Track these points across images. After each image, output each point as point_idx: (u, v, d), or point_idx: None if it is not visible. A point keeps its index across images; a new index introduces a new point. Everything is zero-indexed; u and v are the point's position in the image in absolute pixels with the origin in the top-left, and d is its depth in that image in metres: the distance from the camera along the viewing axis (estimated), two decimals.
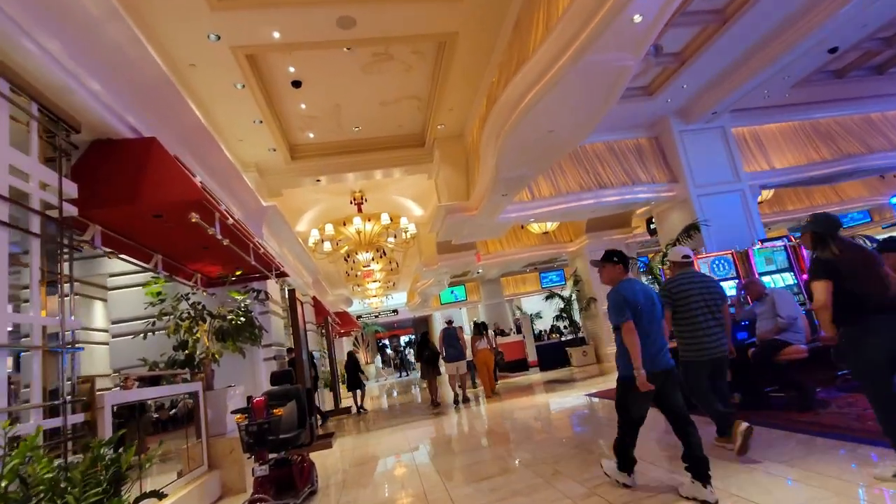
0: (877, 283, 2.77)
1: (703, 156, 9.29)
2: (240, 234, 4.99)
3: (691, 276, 4.04)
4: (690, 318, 3.92)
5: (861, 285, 2.76)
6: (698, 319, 3.89)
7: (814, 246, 3.01)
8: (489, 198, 7.45)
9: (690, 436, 3.09)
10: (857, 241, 3.14)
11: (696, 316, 3.90)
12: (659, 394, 3.18)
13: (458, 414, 8.65)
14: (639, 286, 3.35)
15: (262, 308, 7.53)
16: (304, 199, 10.84)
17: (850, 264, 2.83)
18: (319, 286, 16.03)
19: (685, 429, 3.12)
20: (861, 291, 2.76)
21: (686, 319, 3.94)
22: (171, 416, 5.14)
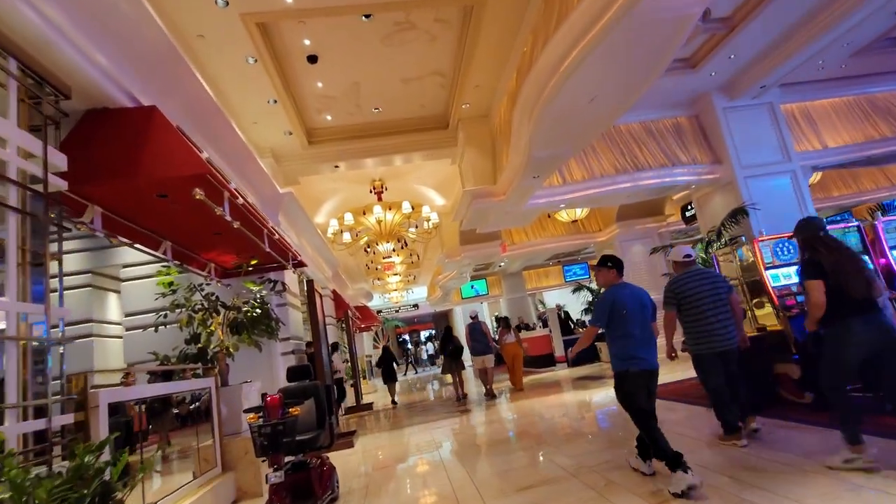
0: (859, 282, 2.91)
1: (750, 134, 8.56)
2: (252, 216, 4.57)
3: (695, 274, 4.14)
4: (698, 313, 4.02)
5: (851, 283, 2.90)
6: (707, 314, 3.99)
7: (802, 250, 3.21)
8: (519, 181, 6.91)
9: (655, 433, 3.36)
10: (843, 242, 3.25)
11: (704, 311, 4.00)
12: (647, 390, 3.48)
13: (485, 411, 8.18)
14: (629, 291, 3.58)
15: (279, 300, 7.15)
16: (322, 189, 10.45)
17: (835, 264, 2.98)
18: (339, 280, 15.71)
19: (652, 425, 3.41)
20: (844, 290, 2.89)
21: (694, 316, 4.04)
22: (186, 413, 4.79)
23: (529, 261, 21.80)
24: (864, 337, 2.87)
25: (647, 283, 12.70)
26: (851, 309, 2.90)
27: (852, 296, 2.90)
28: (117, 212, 4.05)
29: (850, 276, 2.95)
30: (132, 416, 3.78)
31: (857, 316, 2.89)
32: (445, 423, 7.65)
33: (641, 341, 3.45)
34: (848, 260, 3.04)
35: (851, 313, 2.90)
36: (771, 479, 3.11)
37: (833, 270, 2.97)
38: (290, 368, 4.87)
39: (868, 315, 2.90)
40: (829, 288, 2.95)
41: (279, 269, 6.87)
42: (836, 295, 2.94)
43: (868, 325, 2.88)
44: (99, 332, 7.17)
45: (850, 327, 2.90)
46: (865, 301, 2.91)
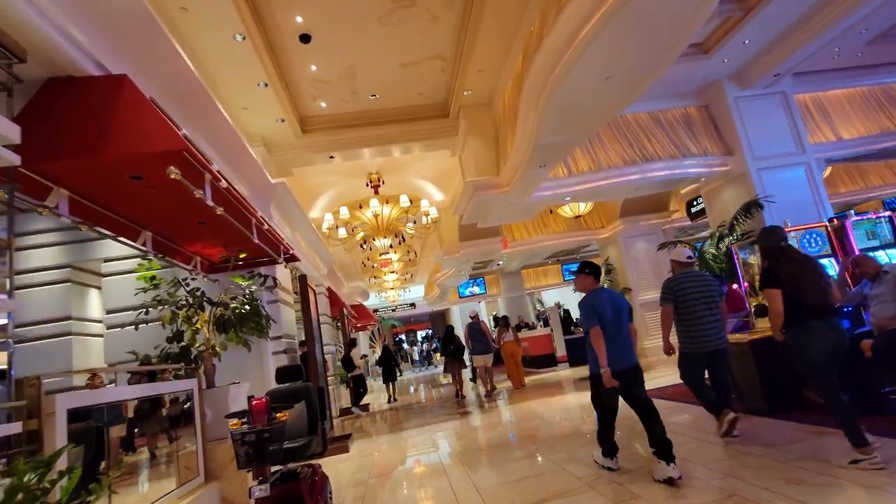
0: (815, 290, 3.05)
1: (762, 125, 8.23)
2: (238, 203, 4.18)
3: (692, 275, 4.30)
4: (691, 313, 4.17)
5: (802, 292, 3.05)
6: (698, 315, 4.15)
7: (763, 257, 3.35)
8: (524, 171, 6.55)
9: (654, 423, 3.51)
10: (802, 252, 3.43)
11: (696, 311, 4.15)
12: (625, 388, 3.62)
13: (487, 413, 7.81)
14: (606, 296, 3.78)
15: (270, 296, 6.78)
16: (317, 182, 10.05)
17: (793, 274, 3.11)
18: (335, 277, 15.32)
19: (649, 417, 3.54)
20: (802, 298, 3.04)
21: (687, 315, 4.19)
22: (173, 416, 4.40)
23: (528, 259, 21.48)
24: (826, 337, 3.05)
25: (652, 281, 12.40)
26: (810, 313, 3.07)
27: (809, 302, 3.08)
28: (87, 195, 3.66)
29: (806, 284, 3.11)
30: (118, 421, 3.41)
31: (817, 319, 3.06)
32: (446, 426, 7.29)
33: (620, 342, 3.65)
34: (805, 269, 3.19)
35: (811, 316, 3.06)
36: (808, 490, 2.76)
37: (790, 279, 3.14)
38: (279, 369, 4.48)
39: (827, 318, 3.07)
40: (787, 296, 3.13)
41: (270, 264, 6.49)
42: (796, 301, 3.11)
43: (828, 327, 3.06)
44: (79, 330, 6.76)
45: (811, 329, 3.06)
46: (822, 306, 3.08)
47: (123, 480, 3.69)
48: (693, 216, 12.05)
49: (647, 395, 3.67)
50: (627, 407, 3.72)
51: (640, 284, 12.30)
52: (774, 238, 3.38)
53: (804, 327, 3.09)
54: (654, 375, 8.53)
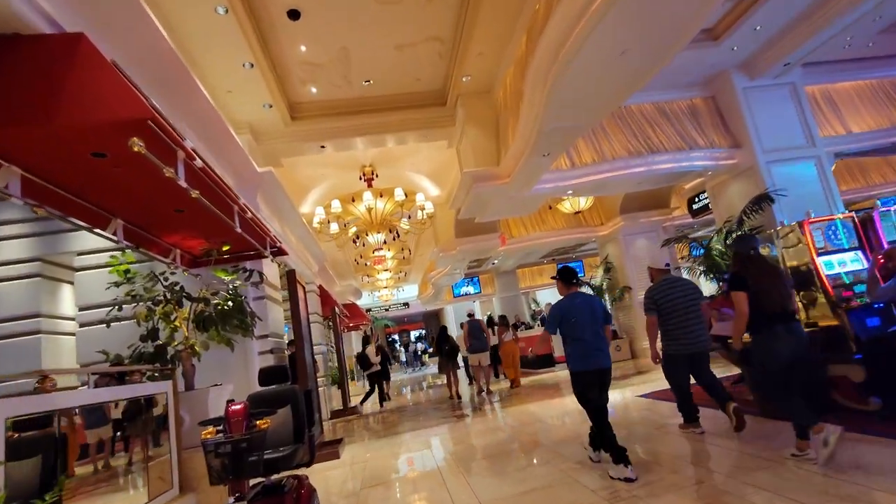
0: (778, 297, 3.24)
1: (772, 117, 7.93)
2: (216, 186, 3.78)
3: (672, 282, 4.49)
4: (674, 318, 4.36)
5: (765, 298, 3.23)
6: (679, 319, 4.35)
7: (734, 262, 3.55)
8: (526, 160, 6.19)
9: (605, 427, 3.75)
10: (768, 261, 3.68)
11: (679, 316, 4.35)
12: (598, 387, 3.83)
13: (485, 415, 7.44)
14: (579, 300, 3.95)
15: (256, 293, 6.38)
16: (308, 175, 9.65)
17: (758, 281, 3.29)
18: (326, 275, 14.90)
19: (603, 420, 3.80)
20: (765, 304, 3.22)
21: (669, 319, 4.39)
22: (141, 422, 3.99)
23: (524, 258, 21.17)
24: (786, 341, 3.23)
25: None
26: (773, 318, 3.26)
27: (770, 308, 3.27)
28: (44, 175, 3.25)
29: (770, 291, 3.30)
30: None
31: (780, 323, 3.25)
32: (443, 430, 6.91)
33: (592, 344, 3.83)
34: (770, 277, 3.39)
35: (774, 321, 3.26)
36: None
37: (756, 285, 3.33)
38: (262, 370, 4.08)
39: (788, 324, 3.26)
40: (751, 301, 3.31)
41: (256, 258, 6.09)
42: (759, 307, 3.31)
43: (789, 332, 3.25)
44: (49, 328, 6.31)
45: (775, 333, 3.25)
46: (783, 312, 3.27)
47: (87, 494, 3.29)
48: (695, 213, 11.76)
49: (608, 398, 3.98)
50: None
51: (640, 283, 11.98)
52: (748, 245, 3.63)
53: (770, 332, 3.28)
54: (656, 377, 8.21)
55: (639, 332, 11.93)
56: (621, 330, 12.80)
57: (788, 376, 3.30)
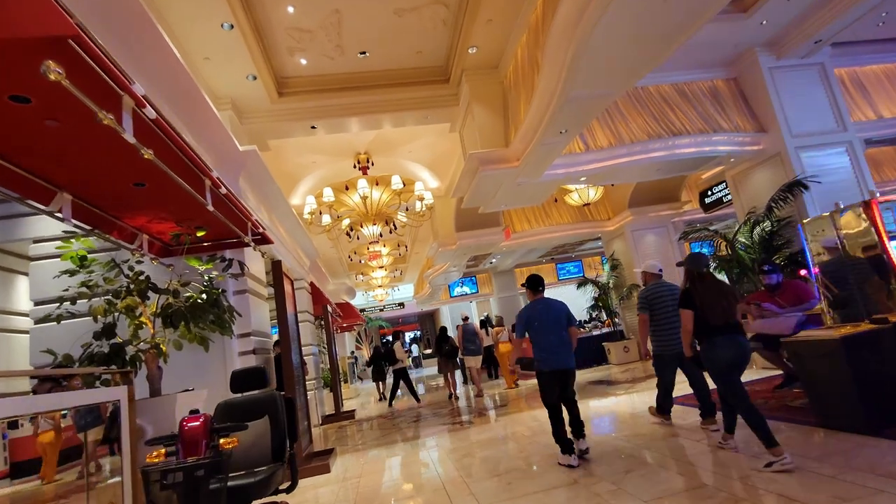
0: (721, 312, 3.59)
1: (799, 99, 7.36)
2: (179, 151, 3.10)
3: (662, 285, 4.84)
4: (664, 319, 4.69)
5: (710, 313, 3.60)
6: (668, 320, 4.66)
7: (686, 279, 3.88)
8: (540, 139, 5.54)
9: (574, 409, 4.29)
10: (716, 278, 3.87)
11: (668, 318, 4.65)
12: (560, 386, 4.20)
13: (489, 422, 6.78)
14: (541, 306, 4.28)
15: (237, 286, 5.70)
16: (298, 163, 8.96)
17: (705, 297, 3.65)
18: (318, 272, 14.20)
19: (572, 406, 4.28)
20: (709, 317, 3.60)
21: (660, 321, 4.72)
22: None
23: (524, 257, 20.59)
24: (726, 350, 3.51)
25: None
26: (715, 330, 3.56)
27: (714, 321, 3.56)
28: None
29: (714, 306, 3.59)
30: None
31: (720, 335, 3.54)
32: (445, 438, 6.23)
33: (555, 346, 4.15)
34: (715, 295, 3.65)
35: (716, 333, 3.56)
36: None
37: (702, 301, 3.63)
38: (235, 374, 3.40)
39: (727, 335, 3.54)
40: (698, 315, 3.62)
41: (237, 247, 5.42)
42: (704, 320, 3.60)
43: (730, 342, 3.52)
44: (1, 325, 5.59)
45: (715, 343, 3.56)
46: (725, 325, 3.56)
47: None
48: (707, 207, 11.19)
49: (574, 394, 4.29)
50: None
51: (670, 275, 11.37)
52: (698, 264, 3.83)
53: (710, 342, 3.59)
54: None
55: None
56: (628, 330, 12.19)
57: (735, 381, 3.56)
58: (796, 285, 4.91)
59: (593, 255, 24.07)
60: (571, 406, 4.28)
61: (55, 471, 3.03)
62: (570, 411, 4.27)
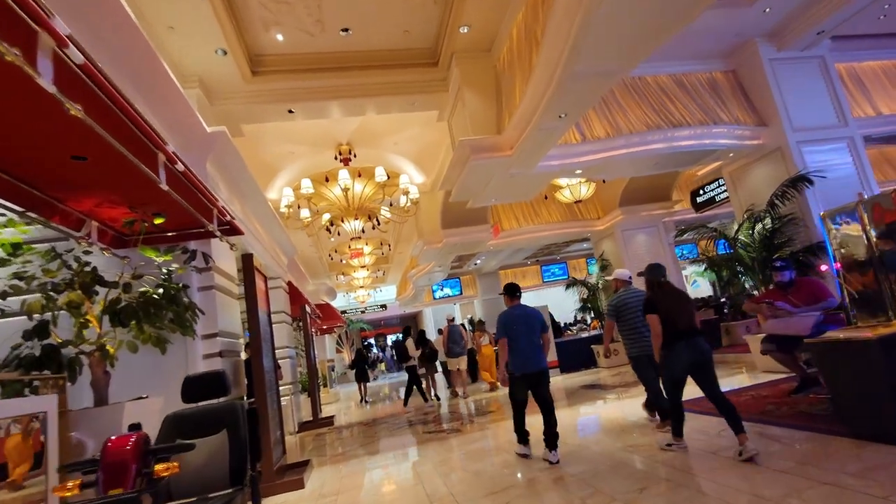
0: (683, 318, 3.83)
1: (800, 93, 7.11)
2: (120, 111, 2.57)
3: (631, 292, 5.06)
4: (633, 324, 4.92)
5: (673, 319, 3.81)
6: (637, 325, 4.87)
7: (647, 288, 4.18)
8: (537, 124, 5.13)
9: (549, 417, 4.34)
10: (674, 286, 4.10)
11: (637, 322, 4.86)
12: (533, 387, 4.42)
13: (477, 429, 6.32)
14: (518, 311, 4.58)
15: (203, 281, 5.16)
16: (275, 153, 8.40)
17: (667, 304, 3.87)
18: (297, 271, 13.59)
19: (547, 413, 4.36)
20: (674, 322, 3.81)
21: (629, 326, 4.95)
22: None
23: (509, 258, 20.25)
24: (688, 353, 3.75)
25: None
26: (679, 336, 3.78)
27: (679, 327, 3.79)
28: None
29: (677, 312, 3.82)
30: None
31: (683, 340, 3.77)
32: (431, 448, 5.75)
33: (526, 351, 4.36)
34: (675, 301, 3.89)
35: (679, 339, 3.78)
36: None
37: (664, 308, 3.83)
38: (188, 380, 2.88)
39: (690, 339, 3.77)
40: (663, 321, 3.81)
41: (205, 237, 4.86)
42: (669, 326, 3.81)
43: (690, 346, 3.76)
44: None
45: (678, 349, 3.78)
46: (688, 330, 3.79)
47: None
48: (699, 206, 10.96)
49: (548, 395, 4.40)
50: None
51: (639, 282, 11.05)
52: (658, 274, 4.07)
53: (674, 347, 3.79)
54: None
55: None
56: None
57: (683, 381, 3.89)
58: (812, 283, 4.58)
59: (579, 257, 23.88)
60: (548, 413, 4.34)
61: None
62: (547, 419, 4.32)
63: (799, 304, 4.47)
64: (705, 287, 24.54)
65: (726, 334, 11.51)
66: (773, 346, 4.51)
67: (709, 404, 5.01)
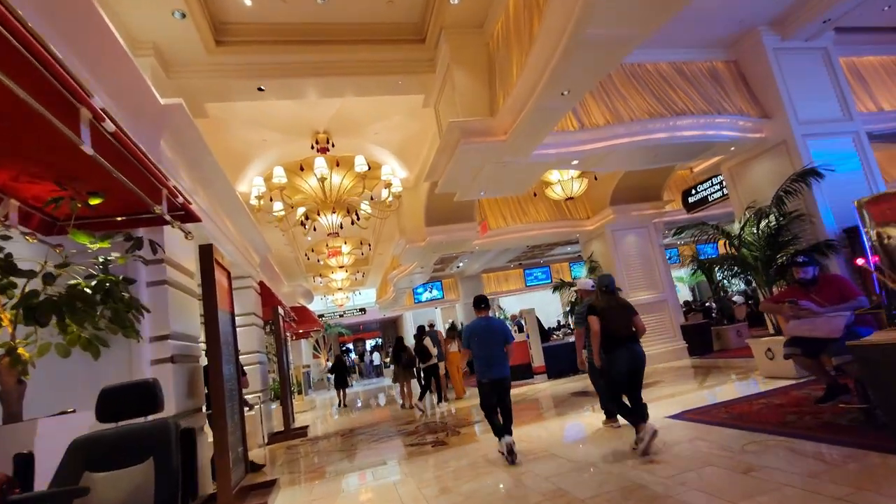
0: (622, 325, 4.22)
1: (805, 85, 6.78)
2: (31, 52, 1.93)
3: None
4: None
5: (612, 326, 4.21)
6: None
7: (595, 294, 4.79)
8: (538, 101, 4.61)
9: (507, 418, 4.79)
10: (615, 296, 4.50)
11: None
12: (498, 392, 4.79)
13: (467, 442, 5.75)
14: (483, 323, 4.96)
15: (153, 274, 4.49)
16: (245, 140, 7.71)
17: (608, 311, 4.28)
18: (271, 271, 12.84)
19: (506, 415, 4.80)
20: (614, 329, 4.21)
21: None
22: None
23: (492, 261, 19.76)
24: (624, 360, 4.19)
25: (643, 281, 10.82)
26: (618, 343, 4.22)
27: (618, 334, 4.22)
28: None
29: (617, 320, 4.25)
30: None
31: (621, 347, 4.21)
32: (416, 465, 5.14)
33: (489, 359, 4.80)
34: (615, 310, 4.31)
35: (618, 346, 4.22)
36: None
37: (605, 315, 4.27)
38: (104, 394, 2.23)
39: (628, 345, 4.21)
40: (603, 327, 4.24)
41: (153, 224, 4.21)
42: (609, 333, 4.24)
43: (627, 353, 4.20)
44: None
45: (616, 354, 4.22)
46: (626, 337, 4.22)
47: None
48: (690, 206, 10.63)
49: (509, 401, 4.83)
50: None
51: (630, 284, 10.70)
52: (606, 282, 4.51)
53: (613, 353, 4.21)
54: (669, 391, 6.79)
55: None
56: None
57: (626, 384, 4.23)
58: (838, 280, 4.16)
59: (562, 260, 23.57)
60: (506, 413, 4.82)
61: None
62: (505, 417, 4.80)
63: (824, 304, 4.03)
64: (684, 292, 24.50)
65: (717, 339, 11.21)
66: (798, 349, 4.05)
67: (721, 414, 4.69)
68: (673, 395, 6.45)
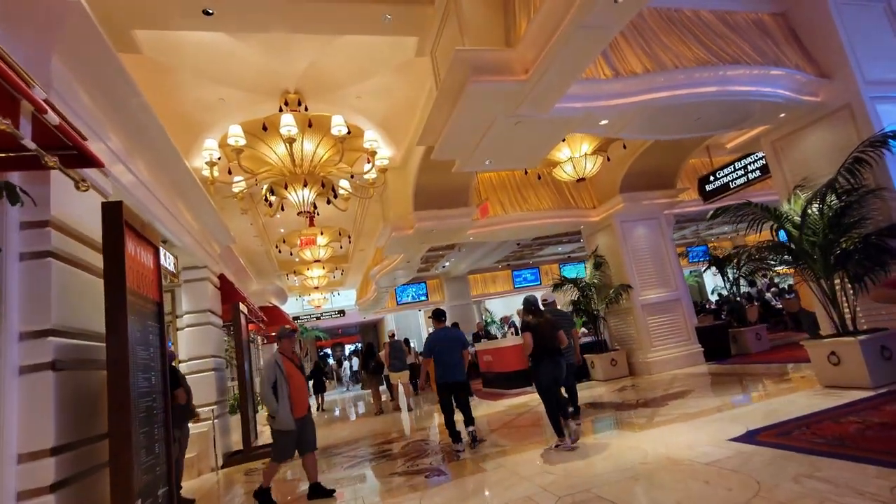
0: (551, 340, 4.89)
1: (869, 42, 5.74)
2: None
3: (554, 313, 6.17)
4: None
5: (543, 340, 4.85)
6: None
7: (524, 311, 5.22)
8: (578, 18, 3.37)
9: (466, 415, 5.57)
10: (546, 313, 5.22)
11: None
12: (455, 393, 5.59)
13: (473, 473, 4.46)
14: (443, 333, 5.85)
15: (30, 243, 3.12)
16: (199, 102, 6.31)
17: (539, 327, 4.90)
18: (235, 263, 11.36)
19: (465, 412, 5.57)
20: (543, 344, 4.86)
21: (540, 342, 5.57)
22: None
23: (479, 261, 18.60)
24: (550, 369, 4.83)
25: (655, 278, 9.70)
26: (545, 354, 4.86)
27: (546, 346, 4.85)
28: None
29: (546, 335, 4.88)
30: None
31: (548, 358, 4.86)
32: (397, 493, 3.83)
33: (449, 365, 5.60)
34: (546, 325, 4.93)
35: (545, 357, 4.86)
36: None
37: (537, 330, 4.88)
38: None
39: (554, 357, 4.88)
40: (535, 340, 4.85)
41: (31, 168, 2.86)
42: (539, 345, 4.85)
43: (554, 364, 4.85)
44: None
45: (543, 364, 4.85)
46: (553, 349, 4.88)
47: None
48: (708, 195, 9.61)
49: (467, 401, 5.67)
50: None
51: (641, 279, 9.59)
52: (533, 304, 5.19)
53: (540, 363, 4.88)
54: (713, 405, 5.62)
55: (642, 341, 9.44)
56: (613, 340, 10.29)
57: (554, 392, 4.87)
58: None
59: (552, 262, 22.55)
60: (464, 408, 5.57)
61: None
62: (463, 412, 5.55)
63: None
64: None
65: (734, 342, 10.16)
66: None
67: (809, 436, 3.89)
68: (720, 409, 5.27)
